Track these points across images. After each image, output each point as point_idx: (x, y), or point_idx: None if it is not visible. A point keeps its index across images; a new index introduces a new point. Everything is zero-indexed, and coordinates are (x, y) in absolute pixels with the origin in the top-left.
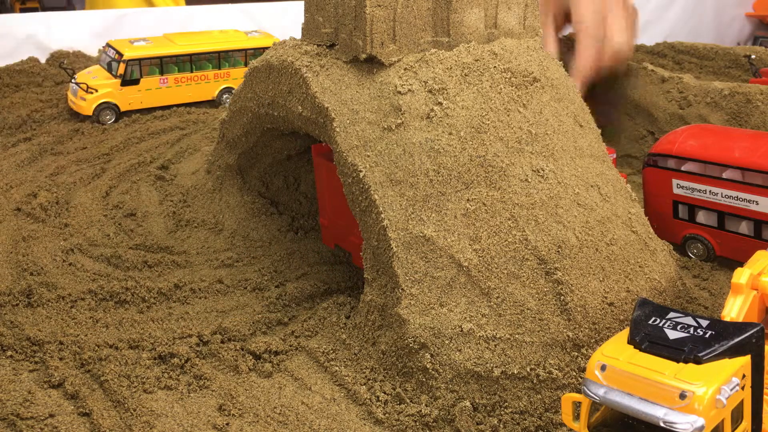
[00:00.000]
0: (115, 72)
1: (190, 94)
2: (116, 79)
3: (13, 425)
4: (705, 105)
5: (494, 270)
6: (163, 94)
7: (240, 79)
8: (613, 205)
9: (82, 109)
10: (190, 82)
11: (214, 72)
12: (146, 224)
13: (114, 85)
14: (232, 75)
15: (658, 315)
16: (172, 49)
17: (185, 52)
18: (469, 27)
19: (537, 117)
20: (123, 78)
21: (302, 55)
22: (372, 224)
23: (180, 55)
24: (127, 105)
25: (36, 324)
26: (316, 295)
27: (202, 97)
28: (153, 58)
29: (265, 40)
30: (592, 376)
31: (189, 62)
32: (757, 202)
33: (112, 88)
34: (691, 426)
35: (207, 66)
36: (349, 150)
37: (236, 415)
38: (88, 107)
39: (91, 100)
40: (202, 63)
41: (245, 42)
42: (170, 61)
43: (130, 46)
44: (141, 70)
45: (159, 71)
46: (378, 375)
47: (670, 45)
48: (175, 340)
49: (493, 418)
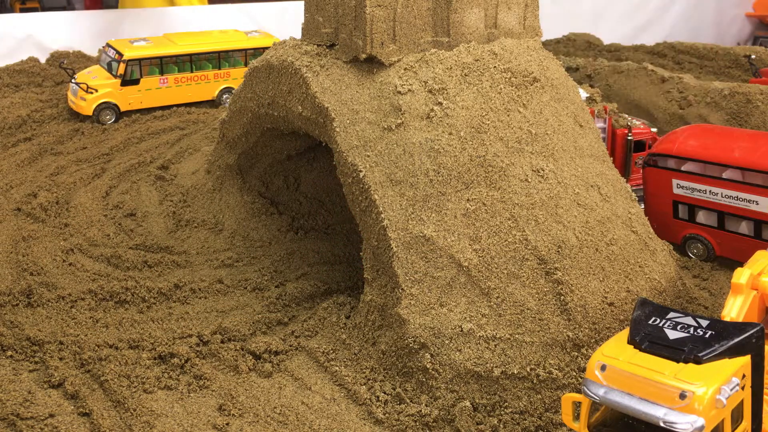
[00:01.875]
0: (115, 72)
1: (190, 94)
2: (116, 79)
3: (13, 425)
4: (705, 105)
5: (494, 270)
6: (163, 94)
7: (240, 79)
8: (613, 205)
9: (82, 109)
10: (190, 82)
11: (214, 72)
12: (146, 224)
13: (114, 85)
14: (232, 75)
15: (658, 315)
16: (172, 49)
17: (185, 52)
18: (469, 27)
19: (537, 117)
20: (123, 78)
21: (302, 55)
22: (372, 224)
23: (180, 55)
24: (127, 105)
25: (36, 324)
26: (316, 295)
27: (202, 97)
28: (153, 58)
29: (265, 40)
30: (592, 376)
31: (189, 62)
32: (757, 202)
33: (112, 88)
34: (691, 426)
35: (207, 66)
36: (349, 150)
37: (236, 415)
38: (88, 107)
39: (91, 100)
40: (202, 63)
41: (245, 42)
42: (170, 61)
43: (130, 46)
44: (141, 70)
45: (159, 71)
46: (378, 375)
47: (670, 45)
48: (175, 340)
49: (493, 418)
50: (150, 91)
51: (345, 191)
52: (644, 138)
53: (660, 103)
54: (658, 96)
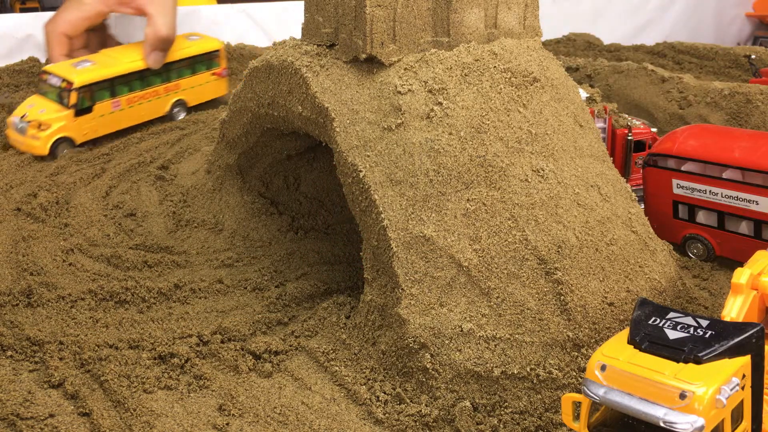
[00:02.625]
0: (67, 102)
1: (143, 114)
2: (69, 110)
3: (13, 425)
4: (705, 105)
5: (494, 270)
6: (118, 118)
7: (189, 89)
8: (613, 205)
9: (35, 149)
10: (142, 100)
11: (165, 86)
12: (146, 224)
13: (68, 116)
14: (181, 86)
15: (658, 315)
16: (120, 67)
17: (134, 69)
18: (469, 27)
19: (537, 117)
20: (76, 107)
21: (302, 55)
22: (372, 224)
23: (129, 73)
24: (83, 136)
25: (36, 324)
26: (316, 295)
27: (154, 114)
28: (104, 81)
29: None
30: (592, 376)
31: (138, 79)
32: (757, 202)
33: (66, 120)
34: (691, 426)
35: (156, 81)
36: (349, 150)
37: (236, 415)
38: (43, 146)
39: (45, 138)
40: (150, 78)
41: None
42: (121, 82)
43: (76, 71)
44: (93, 96)
45: (110, 94)
46: (378, 375)
47: (670, 45)
48: (175, 340)
49: (493, 418)
50: (104, 117)
51: (345, 191)
52: (644, 138)
53: (660, 103)
54: (658, 96)
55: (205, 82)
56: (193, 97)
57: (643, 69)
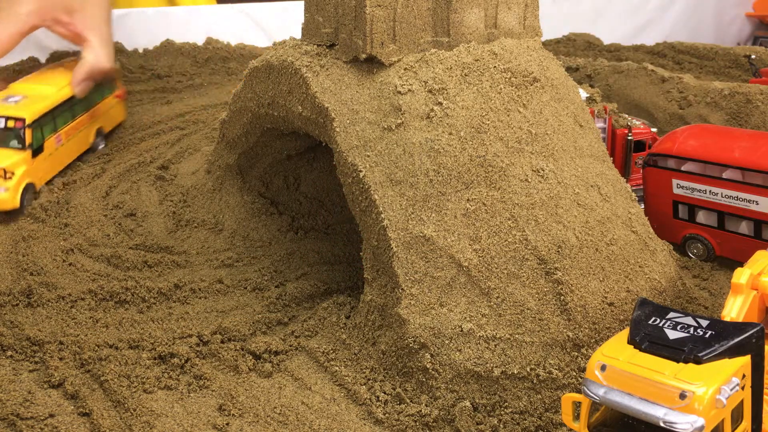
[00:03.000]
0: (22, 142)
1: (74, 148)
2: (26, 151)
3: (13, 425)
4: (705, 105)
5: (494, 270)
6: (60, 156)
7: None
8: (613, 205)
9: (6, 203)
10: (74, 132)
11: (88, 113)
12: (146, 224)
13: (26, 159)
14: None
15: (658, 315)
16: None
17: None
18: (469, 27)
19: (537, 117)
20: (32, 147)
21: (302, 55)
22: (372, 224)
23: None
24: (39, 181)
25: (36, 324)
26: (316, 295)
27: (83, 148)
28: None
29: None
30: (592, 376)
31: (68, 109)
32: (757, 202)
33: (26, 164)
34: (691, 426)
35: (79, 110)
36: (349, 150)
37: (236, 415)
38: (13, 198)
39: (14, 188)
40: (75, 107)
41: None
42: (57, 113)
43: (15, 106)
44: (42, 132)
45: (52, 128)
46: (378, 375)
47: (670, 45)
48: (175, 340)
49: (493, 418)
50: (52, 155)
51: (345, 191)
52: (644, 138)
53: (660, 103)
54: (658, 96)
55: (111, 107)
56: (107, 124)
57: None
